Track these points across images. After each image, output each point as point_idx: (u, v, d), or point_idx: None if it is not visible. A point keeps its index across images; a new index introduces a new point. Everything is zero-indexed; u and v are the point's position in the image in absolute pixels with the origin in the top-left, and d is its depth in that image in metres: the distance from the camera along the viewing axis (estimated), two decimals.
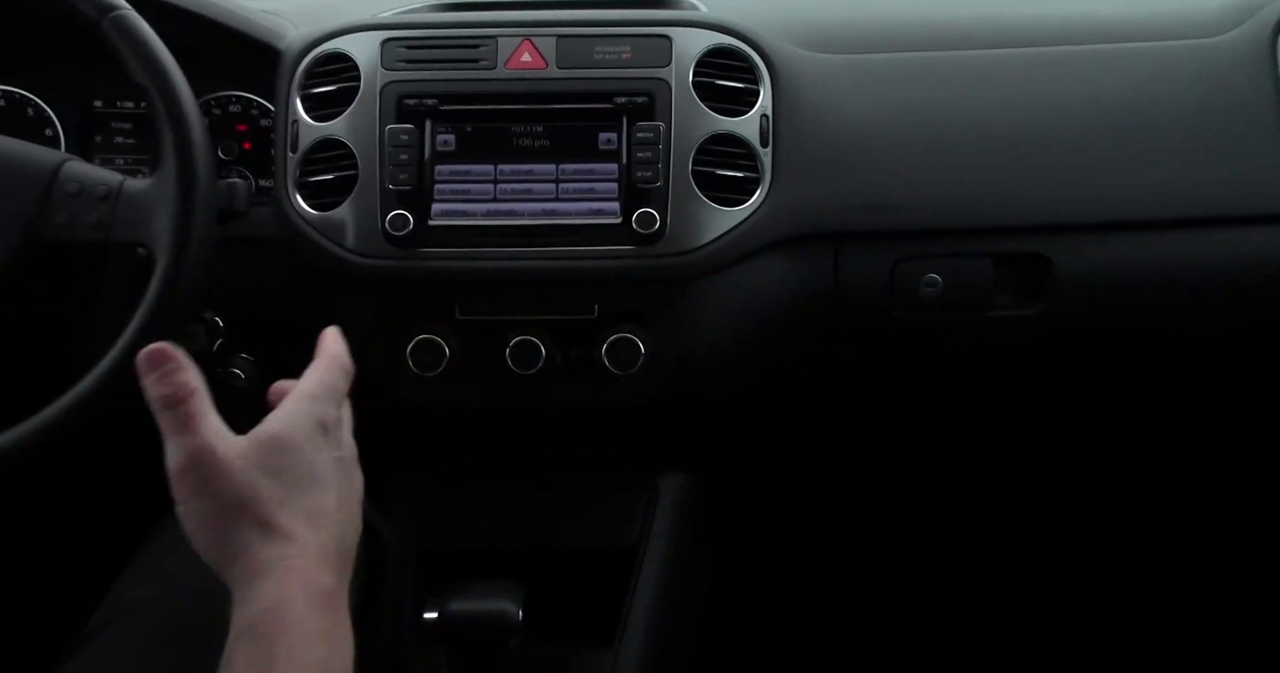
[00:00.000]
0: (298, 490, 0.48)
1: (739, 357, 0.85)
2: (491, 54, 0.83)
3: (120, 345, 0.65)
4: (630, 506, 0.87)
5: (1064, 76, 0.85)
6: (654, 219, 0.80)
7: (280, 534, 0.46)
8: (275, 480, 0.48)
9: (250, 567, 0.46)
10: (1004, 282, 0.83)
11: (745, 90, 0.83)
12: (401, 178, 0.81)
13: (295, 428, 0.50)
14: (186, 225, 0.66)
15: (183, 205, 0.67)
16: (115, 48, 0.67)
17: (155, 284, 0.66)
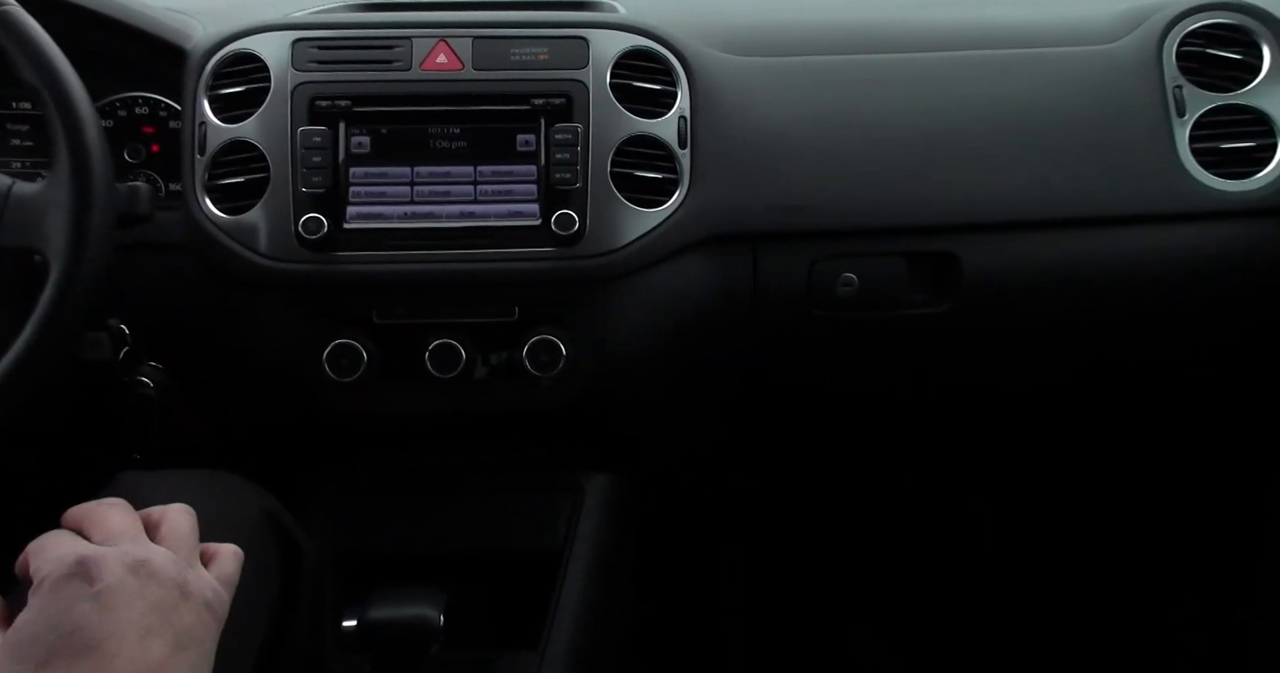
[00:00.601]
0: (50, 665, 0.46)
1: (660, 357, 0.86)
2: (406, 55, 0.82)
3: (12, 355, 0.63)
4: (556, 507, 0.87)
5: (969, 80, 0.88)
6: (573, 221, 0.80)
7: None
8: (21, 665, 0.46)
9: None
10: (916, 280, 0.85)
11: (663, 92, 0.84)
12: (315, 180, 0.79)
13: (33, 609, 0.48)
14: (82, 230, 0.64)
15: (77, 209, 0.65)
16: (2, 46, 0.65)
17: (49, 291, 0.64)
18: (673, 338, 0.85)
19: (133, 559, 0.50)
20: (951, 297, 0.85)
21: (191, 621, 0.50)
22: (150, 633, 0.48)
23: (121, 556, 0.50)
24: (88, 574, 0.48)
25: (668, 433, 0.95)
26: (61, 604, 0.48)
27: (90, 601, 0.48)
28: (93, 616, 0.47)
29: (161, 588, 0.50)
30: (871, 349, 0.89)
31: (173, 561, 0.51)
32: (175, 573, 0.51)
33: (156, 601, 0.49)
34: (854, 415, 1.03)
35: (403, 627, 0.69)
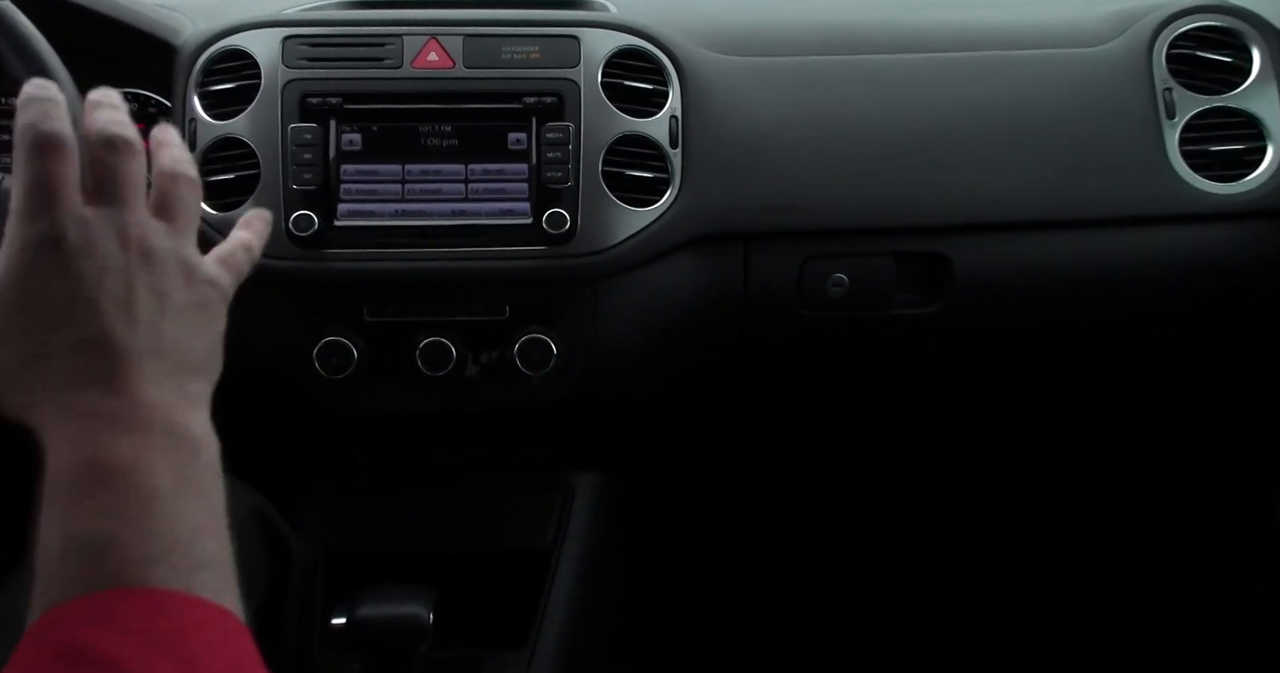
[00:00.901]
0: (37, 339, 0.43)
1: (651, 355, 0.86)
2: (397, 53, 0.82)
3: None
4: (546, 506, 0.87)
5: (958, 81, 0.88)
6: (564, 219, 0.80)
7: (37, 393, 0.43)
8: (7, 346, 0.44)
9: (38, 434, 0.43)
10: (907, 280, 0.86)
11: (654, 92, 0.84)
12: (306, 178, 0.79)
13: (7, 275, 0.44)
14: None
15: None
16: None
17: None
18: (663, 337, 0.85)
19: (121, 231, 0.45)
20: (942, 297, 0.86)
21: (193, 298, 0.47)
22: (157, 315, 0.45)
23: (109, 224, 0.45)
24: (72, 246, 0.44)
25: (657, 432, 0.95)
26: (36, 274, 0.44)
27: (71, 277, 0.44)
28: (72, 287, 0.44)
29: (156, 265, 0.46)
30: (862, 349, 0.90)
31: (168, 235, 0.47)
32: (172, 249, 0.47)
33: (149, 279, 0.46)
34: (844, 415, 1.03)
35: (392, 625, 0.69)
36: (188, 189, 0.50)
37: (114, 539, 0.39)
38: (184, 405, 0.44)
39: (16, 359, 0.43)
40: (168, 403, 0.43)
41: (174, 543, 0.40)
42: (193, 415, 0.44)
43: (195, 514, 0.42)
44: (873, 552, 1.27)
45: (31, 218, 0.44)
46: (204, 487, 0.43)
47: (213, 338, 0.48)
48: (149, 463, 0.41)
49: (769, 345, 0.89)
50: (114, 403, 0.42)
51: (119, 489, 0.40)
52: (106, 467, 0.41)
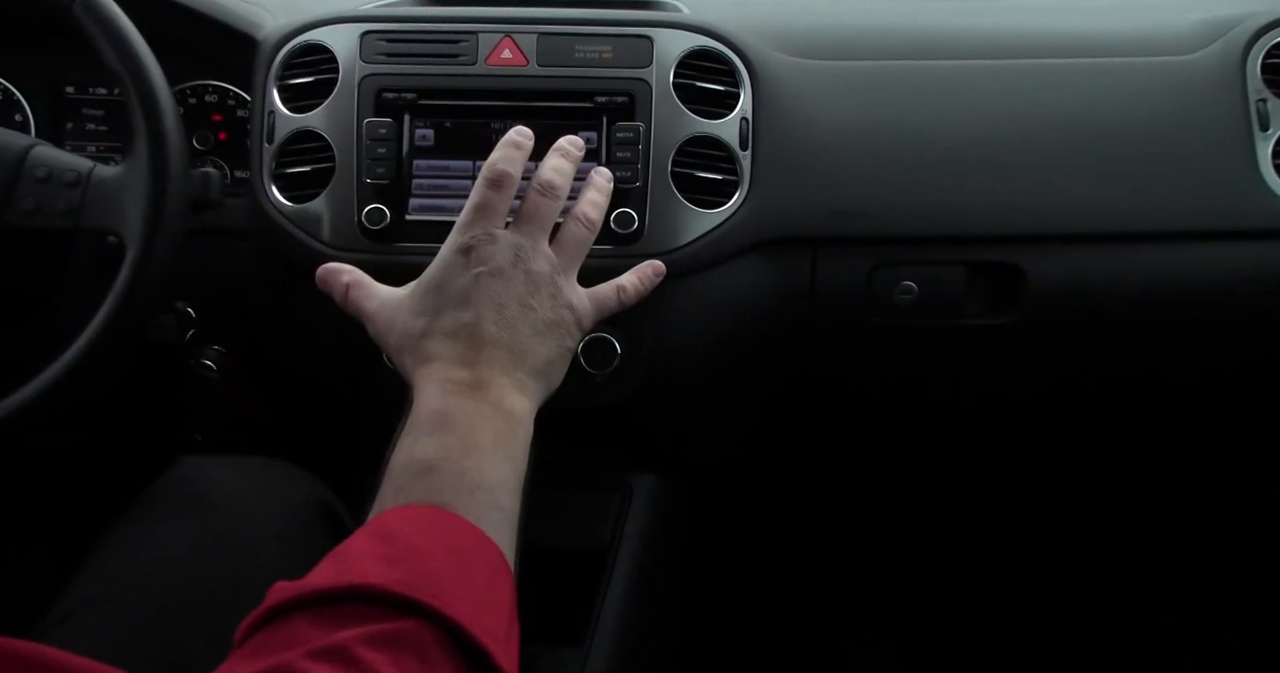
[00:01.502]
0: (440, 318, 0.59)
1: (713, 358, 0.85)
2: (472, 50, 0.83)
3: (87, 335, 0.64)
4: (603, 506, 0.87)
5: (1041, 89, 0.86)
6: (632, 219, 0.80)
7: (424, 357, 0.58)
8: (423, 317, 0.59)
9: (414, 387, 0.58)
10: (977, 290, 0.84)
11: (726, 93, 0.83)
12: (379, 172, 0.80)
13: (438, 265, 0.61)
14: (158, 214, 0.66)
15: (154, 193, 0.66)
16: (87, 32, 0.66)
17: (125, 272, 0.65)
18: (727, 340, 0.85)
19: (517, 252, 0.61)
20: (1014, 308, 0.84)
21: (555, 317, 0.61)
22: (513, 319, 0.59)
23: (515, 248, 0.61)
24: (473, 257, 0.60)
25: (716, 434, 0.95)
26: (451, 271, 0.60)
27: (471, 278, 0.59)
28: (467, 288, 0.59)
29: (535, 285, 0.60)
30: (928, 358, 0.88)
31: (558, 269, 0.62)
32: (549, 273, 0.61)
33: (519, 296, 0.60)
34: (904, 422, 1.02)
35: None
36: (582, 230, 0.65)
37: (440, 469, 0.52)
38: (516, 391, 0.57)
39: (420, 329, 0.59)
40: (504, 385, 0.57)
41: (479, 485, 0.52)
42: (519, 400, 0.57)
43: (502, 468, 0.54)
44: (925, 561, 1.25)
45: (463, 229, 0.61)
46: (513, 453, 0.55)
47: (558, 351, 0.61)
48: (478, 423, 0.55)
49: (833, 352, 0.88)
50: (467, 374, 0.57)
51: (453, 435, 0.54)
52: (450, 417, 0.55)
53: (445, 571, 0.46)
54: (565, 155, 0.66)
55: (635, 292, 0.67)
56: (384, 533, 0.49)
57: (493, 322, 0.58)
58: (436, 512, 0.50)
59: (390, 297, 0.62)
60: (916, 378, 0.92)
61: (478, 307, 0.58)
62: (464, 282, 0.59)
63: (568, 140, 0.67)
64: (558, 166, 0.65)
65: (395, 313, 0.61)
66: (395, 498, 0.52)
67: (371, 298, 0.63)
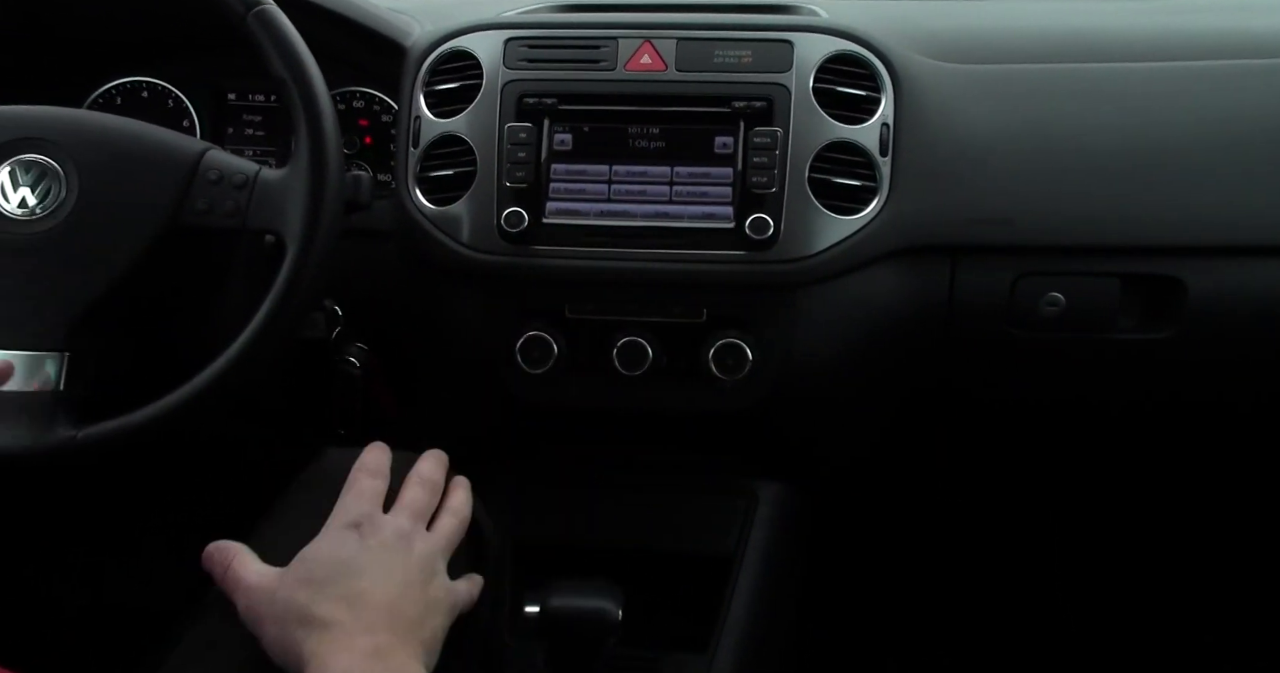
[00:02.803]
0: (329, 587, 0.59)
1: (846, 366, 0.84)
2: (612, 55, 0.83)
3: (250, 329, 0.67)
4: (728, 513, 0.86)
5: (1204, 92, 0.82)
6: (768, 225, 0.79)
7: (319, 625, 0.57)
8: (309, 588, 0.59)
9: (305, 657, 0.56)
10: (1131, 303, 0.80)
11: (866, 98, 0.82)
12: (519, 175, 0.81)
13: (322, 541, 0.62)
14: (317, 215, 0.68)
15: (314, 195, 0.68)
16: (258, 41, 0.69)
17: (285, 271, 0.68)
18: (860, 349, 0.83)
19: (400, 533, 0.63)
20: (1172, 323, 0.80)
21: (439, 594, 0.63)
22: (403, 591, 0.60)
23: (398, 528, 0.63)
24: (363, 531, 0.62)
25: (844, 444, 0.93)
26: (341, 544, 0.62)
27: (363, 549, 0.61)
28: (359, 559, 0.61)
29: (413, 563, 0.62)
30: (1072, 373, 0.85)
31: (437, 552, 0.64)
32: (429, 554, 0.63)
33: (407, 568, 0.62)
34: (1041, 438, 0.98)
35: (583, 618, 0.70)
36: (457, 524, 0.68)
37: None
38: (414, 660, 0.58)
39: (306, 598, 0.58)
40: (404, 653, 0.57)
41: None
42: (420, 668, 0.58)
43: None
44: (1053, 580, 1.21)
45: (347, 510, 0.64)
46: None
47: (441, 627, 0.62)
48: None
49: (970, 364, 0.85)
50: (369, 641, 0.56)
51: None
52: None
53: None
54: (438, 458, 0.71)
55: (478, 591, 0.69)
56: None
57: (385, 590, 0.59)
58: None
59: (265, 571, 0.61)
60: (1058, 393, 0.88)
61: (372, 576, 0.60)
62: (354, 552, 0.61)
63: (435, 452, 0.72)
64: (433, 466, 0.70)
65: (274, 586, 0.60)
66: None
67: (250, 570, 0.62)
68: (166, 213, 0.69)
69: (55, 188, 0.68)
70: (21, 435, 0.66)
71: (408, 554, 0.62)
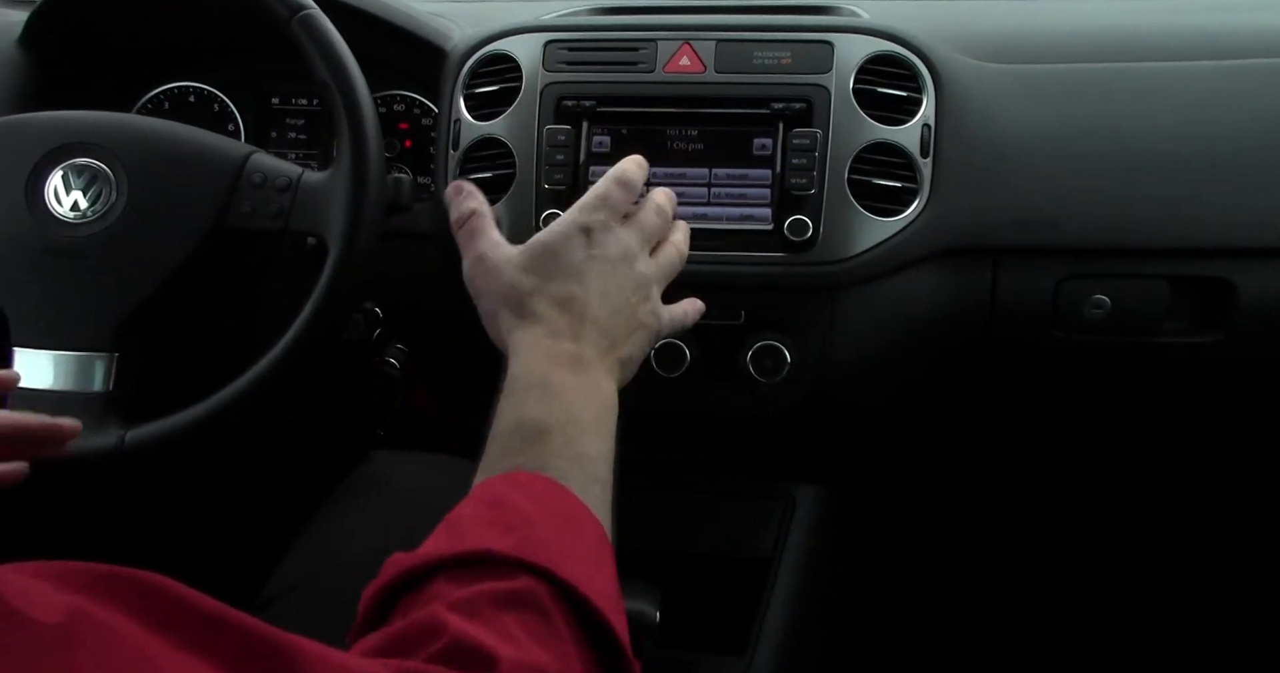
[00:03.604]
0: (550, 282, 0.60)
1: (885, 369, 0.83)
2: (650, 57, 0.83)
3: (293, 330, 0.68)
4: (766, 515, 0.86)
5: (1254, 90, 0.80)
6: (807, 226, 0.78)
7: (530, 318, 0.59)
8: (533, 276, 0.60)
9: (511, 344, 0.59)
10: (1179, 306, 0.79)
11: (907, 99, 0.81)
12: (557, 178, 0.82)
13: (555, 234, 0.62)
14: (358, 217, 0.69)
15: (355, 197, 0.69)
16: (302, 45, 0.70)
17: (328, 272, 0.68)
18: (900, 351, 0.83)
19: (626, 250, 0.62)
20: (1220, 326, 0.78)
21: (646, 319, 0.62)
22: (615, 307, 0.61)
23: (626, 245, 0.63)
24: (593, 239, 0.62)
25: (883, 447, 0.93)
26: (569, 244, 0.61)
27: (587, 257, 0.61)
28: (581, 265, 0.61)
29: (630, 283, 0.62)
30: (1117, 376, 0.83)
31: (654, 278, 0.64)
32: (647, 278, 0.63)
33: (622, 288, 0.61)
34: (1083, 441, 0.96)
35: None
36: (676, 256, 0.67)
37: (547, 434, 0.53)
38: (608, 375, 0.59)
39: (528, 288, 0.60)
40: (599, 367, 0.58)
41: (584, 455, 0.54)
42: (610, 384, 0.59)
43: (601, 443, 0.55)
44: (1092, 588, 1.19)
45: (585, 210, 0.63)
46: (609, 431, 0.57)
47: (640, 350, 0.62)
48: (580, 397, 0.56)
49: (1013, 367, 0.84)
50: (570, 347, 0.58)
51: (558, 403, 0.55)
52: (554, 387, 0.55)
53: (555, 538, 0.48)
54: (668, 194, 0.70)
55: (695, 314, 0.69)
56: (493, 501, 0.50)
57: (598, 303, 0.60)
58: (542, 480, 0.52)
59: (501, 244, 0.63)
60: (1101, 396, 0.87)
61: (587, 285, 0.60)
62: (579, 258, 0.61)
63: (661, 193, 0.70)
64: (670, 196, 0.69)
65: (503, 263, 0.61)
66: (502, 461, 0.53)
67: (485, 237, 0.63)
68: (213, 215, 0.70)
69: (106, 191, 0.70)
70: None
71: (628, 273, 0.62)
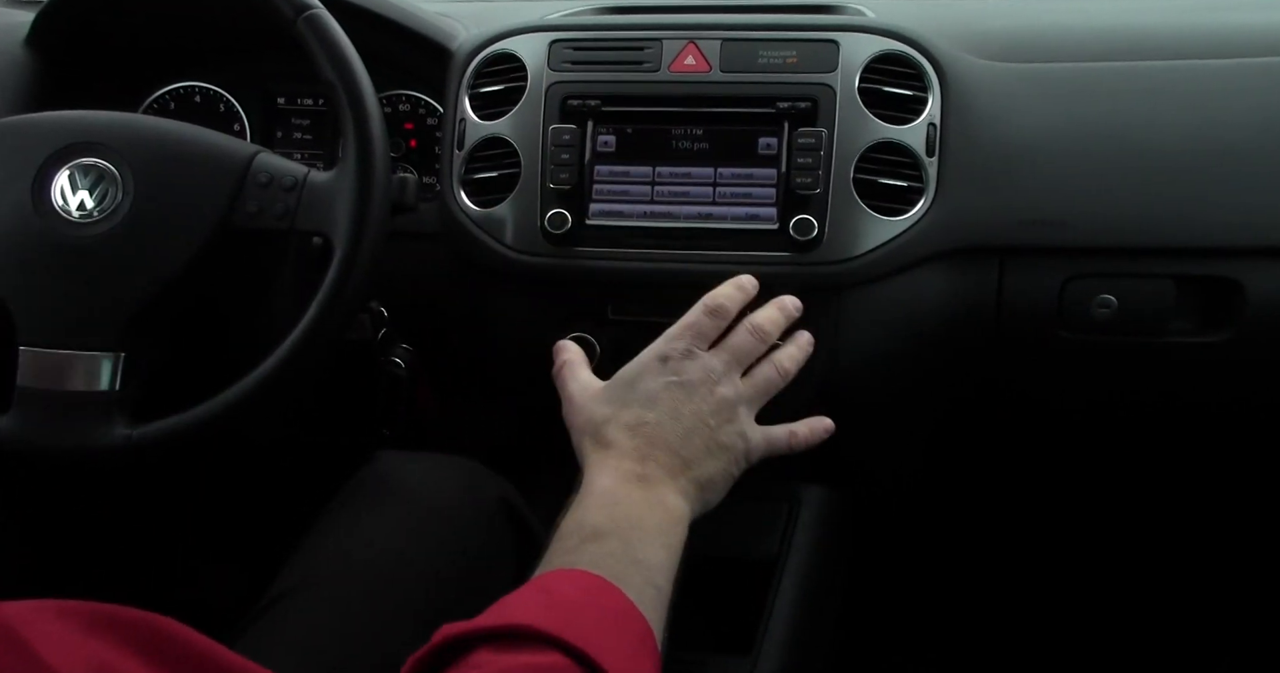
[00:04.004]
0: (625, 410, 0.63)
1: (891, 369, 0.83)
2: (656, 56, 0.83)
3: (298, 329, 0.68)
4: (771, 516, 0.86)
5: (1262, 89, 0.79)
6: (812, 226, 0.78)
7: (603, 444, 0.62)
8: (609, 406, 0.64)
9: (586, 468, 0.62)
10: (1186, 306, 0.78)
11: (913, 98, 0.81)
12: (562, 177, 0.82)
13: (635, 364, 0.66)
14: (364, 216, 0.69)
15: (361, 197, 0.69)
16: (307, 45, 0.70)
17: (333, 272, 0.68)
18: (906, 351, 0.82)
19: (709, 374, 0.64)
20: (1228, 326, 0.78)
21: (727, 441, 0.64)
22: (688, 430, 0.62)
23: (708, 369, 0.65)
24: (670, 366, 0.65)
25: (889, 447, 0.92)
26: (646, 373, 0.65)
27: (662, 384, 0.64)
28: (656, 392, 0.63)
29: (717, 407, 0.64)
30: (1124, 376, 0.83)
31: (743, 400, 0.65)
32: (732, 399, 0.64)
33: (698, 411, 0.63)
34: (1090, 441, 0.96)
35: None
36: (775, 375, 0.68)
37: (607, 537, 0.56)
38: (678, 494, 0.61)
39: (604, 417, 0.64)
40: (668, 486, 0.61)
41: (640, 560, 0.56)
42: (680, 502, 0.61)
43: (660, 553, 0.57)
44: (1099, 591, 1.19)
45: (668, 340, 0.66)
46: (672, 543, 0.59)
47: (722, 472, 0.64)
48: (643, 508, 0.59)
49: (1019, 366, 0.84)
50: (638, 467, 0.61)
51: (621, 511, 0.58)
52: (619, 498, 0.59)
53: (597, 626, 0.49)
54: (782, 309, 0.71)
55: (805, 440, 0.69)
56: (544, 587, 0.53)
57: (670, 427, 0.62)
58: (596, 578, 0.53)
59: (589, 383, 0.67)
60: (1109, 396, 0.86)
61: (659, 410, 0.62)
62: (654, 385, 0.64)
63: (791, 300, 0.72)
64: (773, 317, 0.70)
65: (589, 399, 0.65)
66: (563, 558, 0.56)
67: (575, 380, 0.67)
68: (219, 215, 0.70)
69: (112, 191, 0.70)
70: (79, 435, 0.68)
71: (707, 396, 0.63)
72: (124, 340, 0.69)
